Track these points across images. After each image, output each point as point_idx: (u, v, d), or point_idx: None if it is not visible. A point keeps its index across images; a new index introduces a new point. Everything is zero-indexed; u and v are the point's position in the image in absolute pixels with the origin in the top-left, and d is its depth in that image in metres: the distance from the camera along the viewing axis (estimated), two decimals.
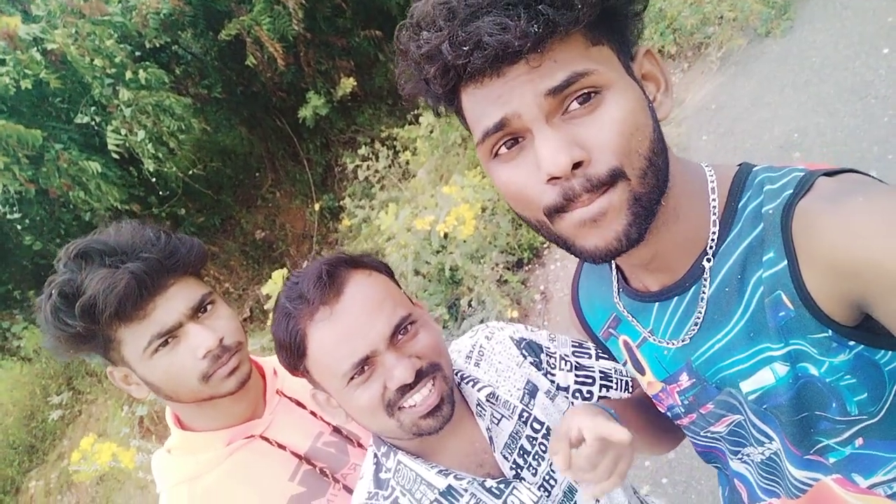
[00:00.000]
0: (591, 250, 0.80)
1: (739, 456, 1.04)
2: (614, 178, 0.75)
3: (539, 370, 1.22)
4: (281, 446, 1.35)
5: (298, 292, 1.02)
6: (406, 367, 0.99)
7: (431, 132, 5.66)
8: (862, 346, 0.79)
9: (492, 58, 0.72)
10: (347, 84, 6.67)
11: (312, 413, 1.43)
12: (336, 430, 1.43)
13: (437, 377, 1.04)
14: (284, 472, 1.33)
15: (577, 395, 1.22)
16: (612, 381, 1.25)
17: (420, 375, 1.01)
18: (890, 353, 0.79)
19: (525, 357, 1.23)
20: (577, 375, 1.23)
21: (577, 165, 0.75)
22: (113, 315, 1.14)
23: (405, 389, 1.00)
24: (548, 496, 1.11)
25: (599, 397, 1.23)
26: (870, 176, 0.82)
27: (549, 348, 1.26)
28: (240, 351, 1.28)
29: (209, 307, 1.27)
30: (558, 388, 1.22)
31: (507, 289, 4.49)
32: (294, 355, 1.03)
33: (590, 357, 1.26)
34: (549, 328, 4.40)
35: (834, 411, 0.83)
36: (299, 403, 1.43)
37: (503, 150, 0.80)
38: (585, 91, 0.75)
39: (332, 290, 1.01)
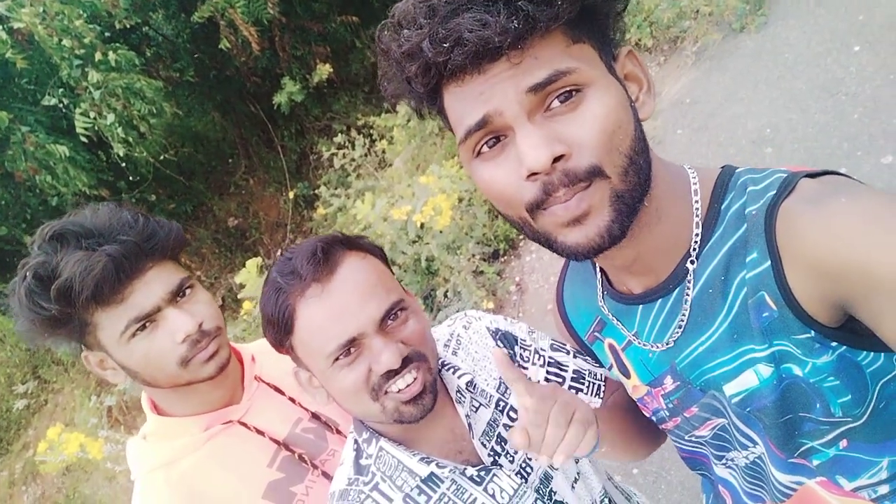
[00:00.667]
0: (573, 247, 0.80)
1: (724, 461, 1.04)
2: (592, 175, 0.76)
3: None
4: (259, 432, 1.34)
5: (291, 268, 1.00)
6: (393, 352, 0.98)
7: (408, 121, 5.63)
8: (844, 347, 0.79)
9: (472, 54, 0.72)
10: (323, 70, 6.59)
11: (291, 399, 1.42)
12: (315, 416, 1.42)
13: (422, 366, 1.04)
14: (263, 458, 1.32)
15: None
16: (583, 383, 1.24)
17: (406, 362, 1.01)
18: (872, 354, 0.79)
19: (500, 348, 1.23)
20: (548, 372, 1.23)
21: (557, 160, 0.75)
22: (90, 298, 1.12)
23: (390, 374, 1.00)
24: (525, 482, 1.12)
25: None
26: (851, 178, 0.83)
27: (524, 341, 1.26)
28: (219, 336, 1.27)
29: (188, 291, 1.25)
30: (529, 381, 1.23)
31: (482, 280, 4.50)
32: (281, 331, 1.02)
33: (567, 354, 1.26)
34: (524, 320, 4.42)
35: (818, 412, 0.83)
36: (278, 390, 1.42)
37: (485, 149, 0.80)
38: (567, 89, 0.75)
39: (326, 267, 1.00)
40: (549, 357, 1.25)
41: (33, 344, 1.23)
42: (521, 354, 1.24)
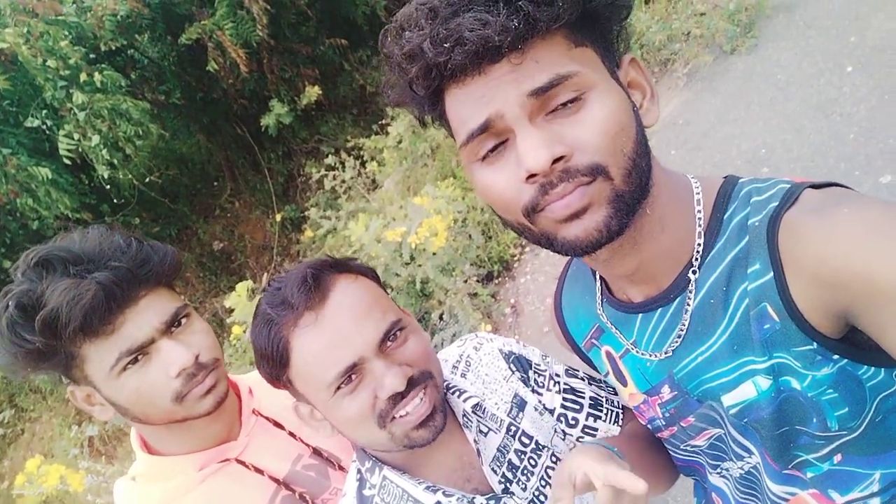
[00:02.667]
0: (573, 241, 0.79)
1: (718, 470, 1.04)
2: (594, 172, 0.76)
3: (527, 386, 1.18)
4: (258, 470, 1.27)
5: (281, 298, 0.96)
6: (397, 374, 0.94)
7: (399, 142, 5.58)
8: (846, 360, 0.79)
9: (473, 54, 0.72)
10: (312, 93, 6.57)
11: (291, 434, 1.35)
12: (316, 452, 1.36)
13: (429, 385, 1.00)
14: (262, 498, 1.25)
15: (562, 419, 1.18)
16: (601, 410, 1.20)
17: (412, 384, 0.97)
18: (873, 368, 0.79)
19: (513, 371, 1.19)
20: (564, 398, 1.19)
21: (556, 162, 0.75)
22: (77, 330, 1.04)
23: (396, 399, 0.96)
24: None
25: (585, 426, 1.18)
26: (854, 190, 0.84)
27: (538, 365, 1.22)
28: (217, 368, 1.20)
29: (183, 321, 1.17)
30: (545, 408, 1.18)
31: (477, 302, 4.43)
32: (276, 365, 0.98)
33: (582, 381, 1.22)
34: (521, 341, 4.35)
35: (814, 426, 0.83)
36: (277, 424, 1.35)
37: (487, 153, 0.81)
38: (570, 95, 0.76)
39: (318, 294, 0.96)
40: (565, 384, 1.21)
41: (15, 377, 1.14)
42: (535, 379, 1.20)
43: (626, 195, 0.78)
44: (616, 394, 1.20)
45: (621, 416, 1.20)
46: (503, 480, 1.07)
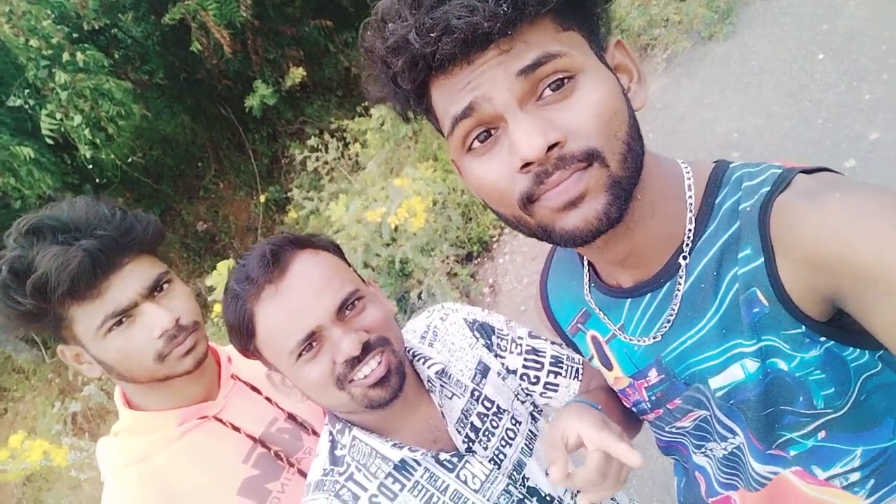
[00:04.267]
0: (572, 230, 0.77)
1: (703, 450, 1.05)
2: (590, 158, 0.74)
3: (490, 352, 1.24)
4: (235, 428, 1.32)
5: (245, 274, 1.02)
6: (353, 340, 1.00)
7: (382, 125, 5.62)
8: (832, 342, 0.80)
9: (461, 42, 0.70)
10: (297, 74, 6.56)
11: (268, 399, 1.40)
12: (291, 416, 1.41)
13: (386, 350, 1.05)
14: (238, 454, 1.31)
15: (525, 378, 1.25)
16: (562, 367, 1.26)
17: (367, 349, 1.02)
18: (858, 350, 0.81)
19: (477, 339, 1.25)
20: (525, 359, 1.25)
21: (551, 149, 0.73)
22: (66, 293, 1.11)
23: (353, 363, 1.01)
24: (498, 469, 1.13)
25: (546, 383, 1.25)
26: (845, 175, 0.85)
27: (501, 330, 1.27)
28: (196, 330, 1.26)
29: (165, 286, 1.24)
30: (508, 370, 1.24)
31: (456, 282, 4.50)
32: (244, 336, 1.04)
33: (544, 341, 1.28)
34: None
35: (801, 405, 0.85)
36: (255, 389, 1.41)
37: (476, 143, 0.78)
38: (559, 76, 0.74)
39: (277, 268, 1.01)
40: (527, 345, 1.26)
41: (8, 335, 1.21)
42: (498, 344, 1.25)
43: (624, 181, 0.76)
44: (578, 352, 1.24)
45: (581, 370, 1.26)
46: (466, 440, 1.14)
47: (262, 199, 7.15)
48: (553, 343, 1.27)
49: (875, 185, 0.78)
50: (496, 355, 1.24)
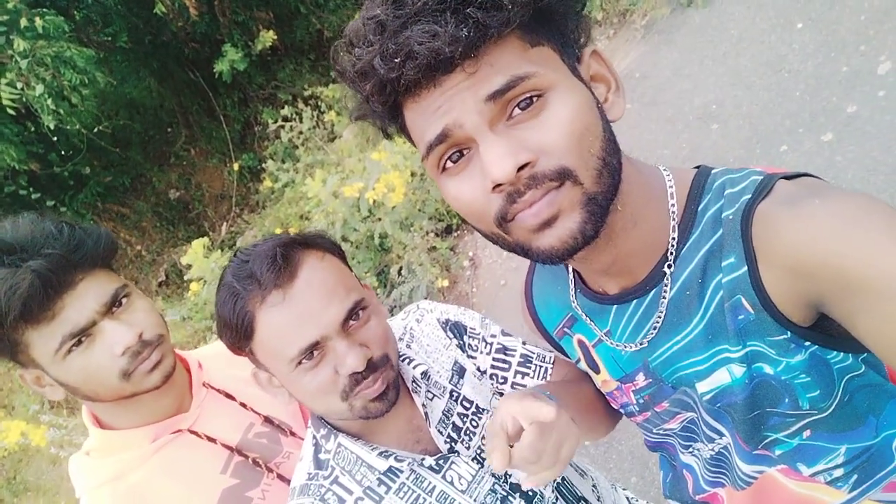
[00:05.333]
0: (548, 250, 0.78)
1: (690, 450, 1.07)
2: (562, 176, 0.73)
3: (463, 352, 1.24)
4: (211, 439, 1.30)
5: (249, 272, 0.98)
6: (357, 355, 0.98)
7: None
8: (817, 346, 0.81)
9: (424, 67, 0.70)
10: (267, 37, 6.38)
11: (242, 405, 1.39)
12: (268, 420, 1.40)
13: (386, 368, 1.04)
14: (216, 465, 1.29)
15: (493, 378, 1.25)
16: (530, 367, 1.25)
17: (371, 367, 1.01)
18: (842, 354, 0.82)
19: (451, 339, 1.25)
20: (494, 359, 1.25)
21: (522, 168, 0.73)
22: (18, 318, 1.06)
23: (357, 377, 1.00)
24: (482, 468, 1.14)
25: (514, 383, 1.25)
26: (825, 181, 0.85)
27: (473, 329, 1.27)
28: (161, 344, 1.22)
29: (124, 301, 1.19)
30: (479, 370, 1.25)
31: (436, 255, 4.49)
32: (240, 336, 1.00)
33: (516, 339, 1.28)
34: (478, 294, 4.46)
35: (786, 406, 0.86)
36: (228, 395, 1.39)
37: (449, 164, 0.78)
38: (528, 95, 0.73)
39: (286, 273, 0.98)
40: (498, 343, 1.26)
41: None
42: (469, 344, 1.25)
43: (599, 196, 0.76)
44: (550, 351, 1.25)
45: (549, 371, 1.25)
46: (448, 440, 1.14)
47: (236, 166, 7.01)
48: (525, 343, 1.27)
49: (853, 190, 0.79)
50: (468, 356, 1.24)
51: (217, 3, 6.44)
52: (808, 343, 0.81)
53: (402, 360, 1.19)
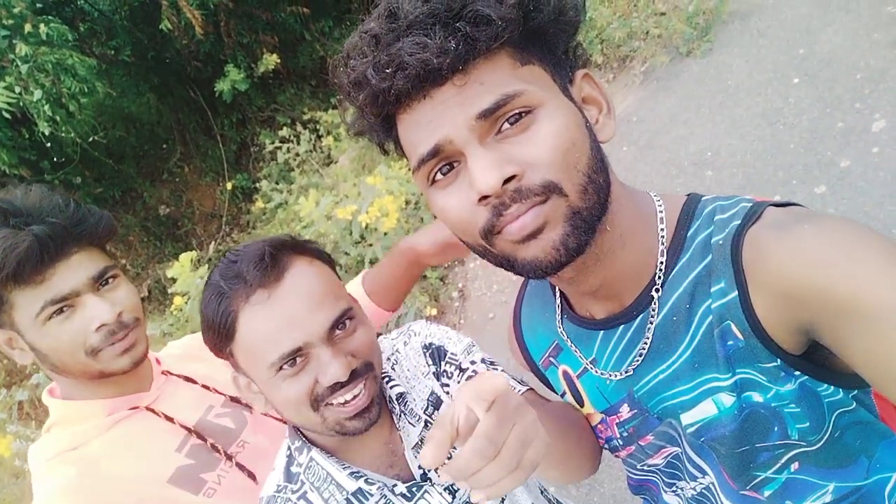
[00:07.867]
0: (533, 262, 0.78)
1: (673, 489, 1.04)
2: (548, 190, 0.75)
3: (438, 380, 1.21)
4: (168, 418, 1.32)
5: (236, 271, 0.96)
6: (341, 364, 0.95)
7: None
8: (807, 376, 0.80)
9: (414, 78, 0.72)
10: (270, 60, 6.43)
11: (205, 386, 1.41)
12: (233, 399, 1.41)
13: (370, 377, 1.02)
14: (171, 444, 1.30)
15: None
16: None
17: (354, 376, 0.98)
18: (832, 387, 0.81)
19: (429, 366, 1.22)
20: None
21: (508, 182, 0.74)
22: (10, 276, 1.11)
23: (335, 387, 0.97)
24: (454, 500, 1.10)
25: None
26: (812, 210, 0.85)
27: (454, 356, 1.23)
28: (137, 328, 1.26)
29: (111, 280, 1.24)
30: (451, 397, 1.20)
31: (425, 285, 4.45)
32: (222, 337, 0.98)
33: (494, 368, 1.23)
34: (466, 326, 4.41)
35: (775, 436, 0.84)
36: (189, 379, 1.41)
37: (439, 175, 0.80)
38: (517, 111, 0.75)
39: (273, 273, 0.96)
40: (472, 371, 1.21)
41: None
42: (444, 371, 1.21)
43: (584, 211, 0.77)
44: (526, 384, 1.18)
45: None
46: (422, 467, 1.10)
47: (229, 186, 6.98)
48: (504, 372, 1.20)
49: (843, 216, 0.79)
50: (442, 384, 1.20)
51: (223, 23, 6.51)
52: (798, 372, 0.80)
53: (384, 380, 1.15)
